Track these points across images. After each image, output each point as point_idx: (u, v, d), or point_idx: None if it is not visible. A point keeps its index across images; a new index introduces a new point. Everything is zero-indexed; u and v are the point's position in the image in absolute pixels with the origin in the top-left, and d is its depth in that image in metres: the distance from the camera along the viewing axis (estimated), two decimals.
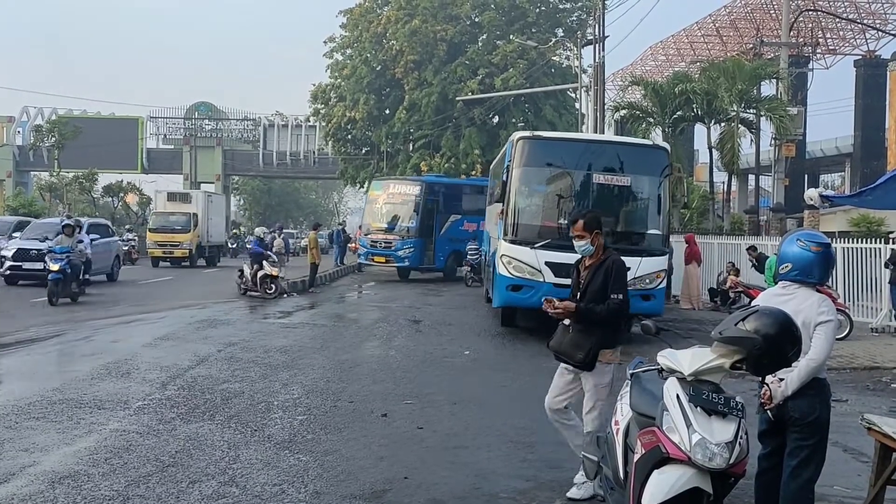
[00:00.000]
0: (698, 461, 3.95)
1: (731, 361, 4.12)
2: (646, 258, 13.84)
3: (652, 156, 14.81)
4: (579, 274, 6.08)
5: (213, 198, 43.04)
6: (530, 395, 9.59)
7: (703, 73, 28.61)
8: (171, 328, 14.36)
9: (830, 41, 44.13)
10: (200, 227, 37.38)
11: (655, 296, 14.04)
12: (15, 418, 7.65)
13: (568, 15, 46.98)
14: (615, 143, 16.55)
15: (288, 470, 6.35)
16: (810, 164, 46.32)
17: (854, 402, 9.80)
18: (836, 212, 25.44)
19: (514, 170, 14.47)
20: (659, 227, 14.50)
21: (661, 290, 14.36)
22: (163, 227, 36.54)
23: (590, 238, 5.92)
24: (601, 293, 5.80)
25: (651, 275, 13.89)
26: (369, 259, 30.15)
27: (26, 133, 65.28)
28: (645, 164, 14.59)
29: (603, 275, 5.83)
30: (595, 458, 5.24)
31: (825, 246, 4.84)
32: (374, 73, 46.70)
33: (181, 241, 36.14)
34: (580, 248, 6.01)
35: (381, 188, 31.29)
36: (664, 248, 14.62)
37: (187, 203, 38.71)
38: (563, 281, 12.76)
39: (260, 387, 9.49)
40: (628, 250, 13.14)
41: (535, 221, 14.69)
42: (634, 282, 12.99)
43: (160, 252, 36.21)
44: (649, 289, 13.87)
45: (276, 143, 68.93)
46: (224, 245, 45.51)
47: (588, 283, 5.89)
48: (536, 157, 14.75)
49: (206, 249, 38.56)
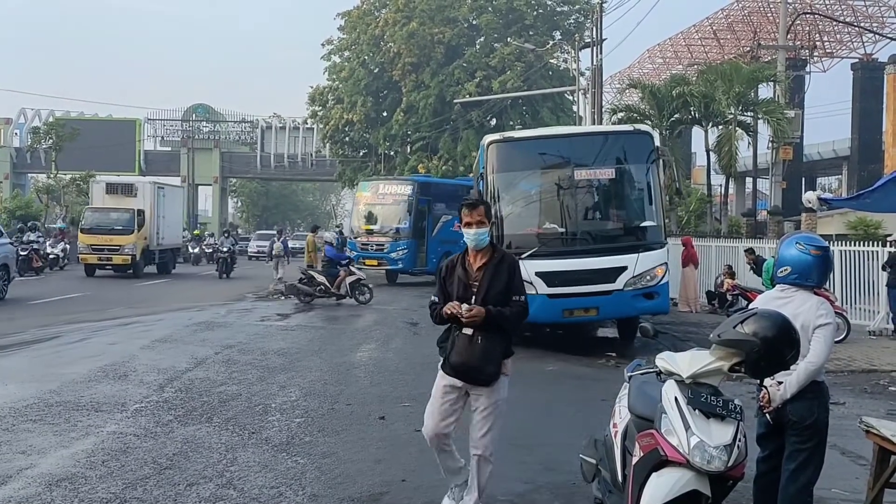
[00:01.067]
0: (697, 464, 3.94)
1: (729, 364, 4.11)
2: (643, 253, 12.87)
3: (635, 141, 13.72)
4: (468, 275, 5.21)
5: (168, 190, 35.01)
6: (528, 397, 9.60)
7: (701, 76, 28.68)
8: (168, 330, 14.34)
9: (828, 44, 44.20)
10: (148, 227, 30.69)
11: (659, 293, 12.98)
12: (12, 420, 7.64)
13: (566, 18, 47.11)
14: (593, 133, 15.65)
15: (285, 472, 6.33)
16: (808, 167, 46.40)
17: (852, 404, 9.80)
18: (833, 215, 25.47)
19: (489, 177, 13.46)
20: (654, 218, 13.42)
21: (665, 286, 13.22)
22: (98, 226, 29.60)
23: (488, 226, 5.21)
24: (503, 296, 5.13)
25: (651, 271, 12.86)
26: (360, 262, 27.52)
27: (24, 135, 65.22)
28: (628, 151, 13.59)
29: (506, 275, 5.16)
30: (593, 461, 5.23)
31: (824, 249, 4.86)
32: (371, 76, 46.81)
33: (122, 244, 29.26)
34: (478, 238, 5.17)
35: (369, 189, 30.13)
36: (662, 241, 13.45)
37: (131, 196, 31.22)
38: (559, 290, 12.46)
39: (257, 389, 9.48)
40: (623, 247, 12.95)
41: (519, 230, 13.28)
42: (635, 280, 12.63)
43: (95, 258, 29.59)
44: (651, 286, 12.86)
45: (273, 146, 68.92)
46: (183, 249, 39.27)
47: (488, 284, 5.13)
48: (511, 161, 13.69)
49: (155, 254, 31.89)
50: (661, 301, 13.10)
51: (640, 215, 13.59)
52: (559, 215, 13.35)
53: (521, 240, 12.94)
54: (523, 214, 13.65)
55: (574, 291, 12.56)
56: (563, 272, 12.53)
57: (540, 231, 13.24)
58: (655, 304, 13.00)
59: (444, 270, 5.33)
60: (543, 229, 13.24)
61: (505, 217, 13.28)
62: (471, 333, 5.06)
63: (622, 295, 12.59)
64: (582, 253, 12.84)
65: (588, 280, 12.54)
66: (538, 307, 11.57)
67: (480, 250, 5.21)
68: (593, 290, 12.58)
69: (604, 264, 12.62)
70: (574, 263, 12.60)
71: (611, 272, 12.61)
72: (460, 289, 5.17)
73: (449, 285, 5.25)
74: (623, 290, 12.60)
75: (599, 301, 12.69)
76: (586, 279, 12.53)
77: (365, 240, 28.36)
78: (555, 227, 13.25)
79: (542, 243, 12.94)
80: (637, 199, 13.69)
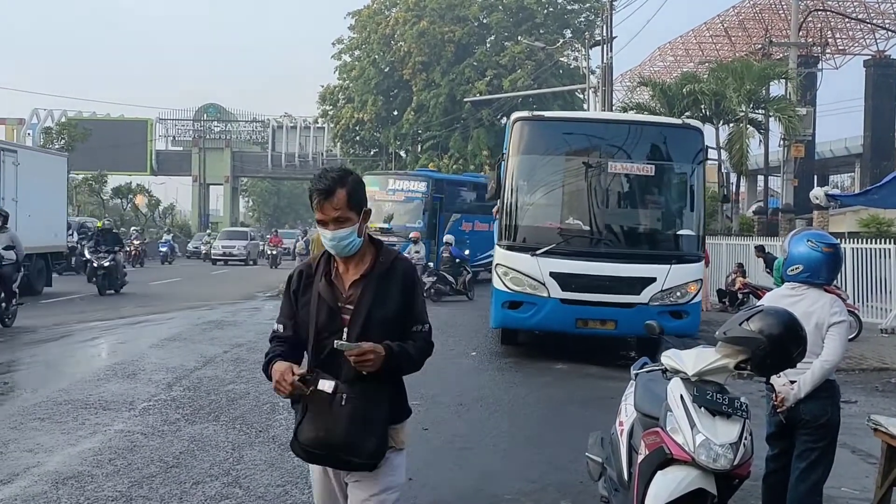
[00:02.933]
0: (702, 462, 3.91)
1: (735, 362, 4.07)
2: (676, 265, 11.29)
3: (681, 136, 12.10)
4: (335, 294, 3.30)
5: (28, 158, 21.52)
6: (537, 396, 9.58)
7: (712, 74, 28.56)
8: (178, 329, 14.37)
9: (840, 41, 43.98)
10: None
11: (689, 312, 11.35)
12: (20, 419, 7.66)
13: (576, 16, 47.10)
14: (636, 122, 13.51)
15: (292, 471, 6.32)
16: (820, 165, 46.19)
17: (863, 403, 9.73)
18: (845, 212, 25.33)
19: (512, 158, 11.92)
20: (692, 226, 11.86)
21: (696, 306, 11.61)
22: None
23: (357, 223, 3.26)
24: (396, 325, 3.31)
25: (683, 286, 11.26)
26: None
27: (36, 135, 65.32)
28: (673, 147, 12.00)
29: (399, 292, 3.31)
30: (599, 460, 5.20)
31: (835, 246, 4.85)
32: (382, 75, 46.88)
33: None
34: (340, 244, 3.25)
35: (377, 184, 25.84)
36: (698, 253, 11.82)
37: None
38: (574, 296, 11.12)
39: (265, 388, 9.45)
40: (654, 256, 11.59)
41: (537, 222, 12.00)
42: (662, 295, 11.14)
43: None
44: (681, 304, 11.24)
45: (284, 145, 69.01)
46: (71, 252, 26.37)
47: (369, 307, 3.26)
48: (537, 143, 12.11)
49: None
50: (690, 321, 11.37)
51: (677, 221, 12.15)
52: (585, 211, 11.84)
53: (539, 234, 11.69)
54: (544, 205, 12.21)
55: (591, 299, 11.12)
56: (581, 276, 11.15)
57: (561, 226, 11.83)
58: (683, 324, 11.14)
59: (295, 280, 3.44)
60: (565, 224, 11.84)
61: (522, 206, 11.95)
62: (331, 390, 3.16)
63: (646, 310, 10.75)
64: (606, 256, 11.32)
65: (609, 288, 11.08)
66: (548, 312, 11.08)
67: (352, 257, 3.33)
68: (613, 301, 11.07)
69: (629, 272, 11.16)
70: (595, 267, 11.16)
71: (636, 282, 11.14)
72: (323, 314, 3.29)
73: (303, 307, 3.38)
74: (648, 304, 11.05)
75: (619, 314, 11.11)
76: (607, 287, 11.08)
77: None
78: (578, 224, 11.81)
79: (561, 240, 11.56)
80: (676, 202, 12.23)
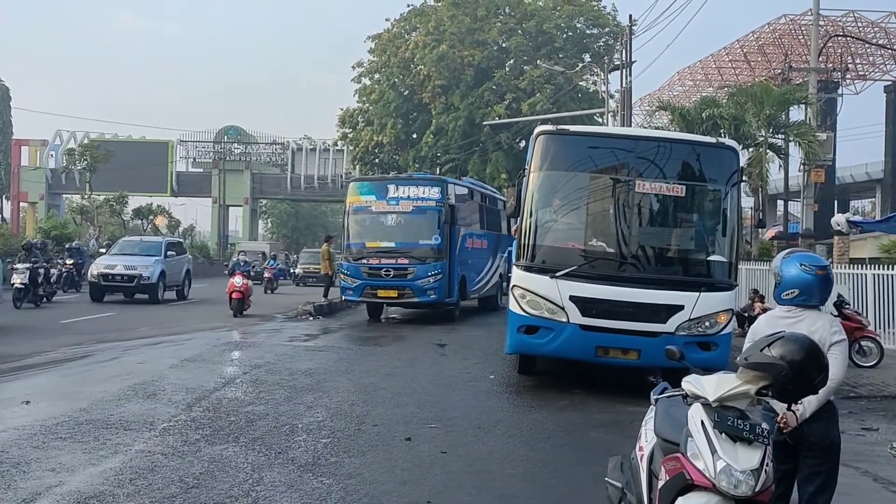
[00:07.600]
0: (723, 488, 3.89)
1: (756, 387, 4.07)
2: (706, 293, 10.56)
3: (716, 157, 11.40)
4: None
5: None
6: (556, 420, 9.55)
7: (731, 98, 28.49)
8: (197, 350, 14.43)
9: (860, 66, 43.79)
10: None
11: (718, 343, 10.58)
12: (42, 438, 7.72)
13: (595, 40, 47.23)
14: (667, 139, 12.31)
15: (311, 493, 6.34)
16: (840, 190, 45.89)
17: (885, 430, 9.63)
18: (866, 238, 25.16)
19: (533, 174, 11.32)
20: (725, 252, 11.13)
21: (726, 337, 10.77)
22: None
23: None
24: None
25: (713, 316, 10.56)
26: (367, 294, 20.22)
27: (59, 156, 66.28)
28: (707, 167, 11.31)
29: None
30: (619, 485, 5.18)
31: (826, 269, 5.02)
32: (401, 98, 47.15)
33: None
34: None
35: (376, 191, 20.73)
36: (731, 281, 11.07)
37: None
38: (594, 322, 10.55)
39: (284, 409, 9.50)
40: (682, 282, 10.86)
41: (558, 242, 11.43)
42: (690, 325, 10.48)
43: None
44: (710, 335, 10.54)
45: (303, 167, 69.49)
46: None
47: None
48: (561, 158, 11.49)
49: None
50: (719, 353, 10.55)
51: (708, 246, 11.42)
52: (610, 232, 11.17)
53: (559, 255, 11.13)
54: (566, 225, 11.61)
55: (613, 326, 10.49)
56: (603, 301, 10.53)
57: (583, 248, 11.23)
58: (712, 356, 10.32)
59: None
60: (588, 246, 11.23)
61: (542, 225, 11.40)
62: None
63: (672, 340, 9.95)
64: (631, 281, 10.71)
65: (633, 315, 10.48)
66: (566, 339, 10.62)
67: None
68: (637, 329, 10.47)
69: (655, 299, 10.54)
70: (619, 293, 10.53)
71: (662, 310, 10.52)
72: None
73: None
74: (674, 333, 10.34)
75: (643, 343, 10.47)
76: (631, 314, 10.48)
77: (375, 262, 20.09)
78: (602, 246, 11.18)
79: (583, 262, 10.95)
80: (709, 226, 11.50)
